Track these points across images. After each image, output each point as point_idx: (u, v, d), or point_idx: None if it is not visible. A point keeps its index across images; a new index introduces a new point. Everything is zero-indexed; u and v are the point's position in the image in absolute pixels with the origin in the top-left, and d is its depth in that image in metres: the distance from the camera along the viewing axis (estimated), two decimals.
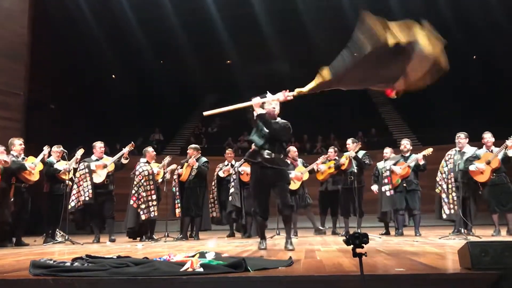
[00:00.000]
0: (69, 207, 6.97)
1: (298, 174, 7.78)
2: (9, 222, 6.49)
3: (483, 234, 6.37)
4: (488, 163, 6.69)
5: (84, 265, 2.80)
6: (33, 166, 6.70)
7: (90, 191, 7.06)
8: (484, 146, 6.94)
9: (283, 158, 4.77)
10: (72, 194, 7.06)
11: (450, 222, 6.80)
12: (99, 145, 7.53)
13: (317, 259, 3.46)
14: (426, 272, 2.57)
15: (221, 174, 8.16)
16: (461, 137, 6.82)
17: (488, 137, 6.91)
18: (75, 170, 7.27)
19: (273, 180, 4.53)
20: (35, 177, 6.75)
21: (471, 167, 6.71)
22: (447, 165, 6.63)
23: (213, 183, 8.28)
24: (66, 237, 6.86)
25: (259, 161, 4.50)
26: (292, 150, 8.05)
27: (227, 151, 8.62)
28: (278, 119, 4.68)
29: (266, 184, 4.56)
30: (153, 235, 7.31)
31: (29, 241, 7.09)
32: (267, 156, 4.49)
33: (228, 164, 8.25)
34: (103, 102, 18.44)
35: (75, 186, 7.11)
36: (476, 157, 6.81)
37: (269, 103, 4.54)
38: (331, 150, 8.34)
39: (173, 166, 7.75)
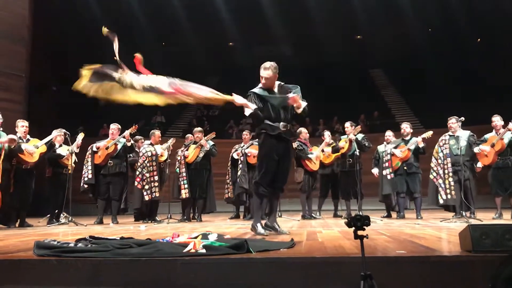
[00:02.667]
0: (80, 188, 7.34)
1: (318, 154, 7.81)
2: (13, 203, 6.55)
3: (485, 217, 6.38)
4: (492, 145, 6.68)
5: (87, 246, 2.82)
6: (31, 148, 6.71)
7: (90, 171, 7.22)
8: (493, 130, 6.91)
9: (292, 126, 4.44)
10: (82, 175, 7.34)
11: (446, 210, 6.79)
12: (111, 127, 7.57)
13: (319, 241, 3.48)
14: (426, 255, 2.58)
15: (235, 156, 8.13)
16: (453, 121, 6.74)
17: (496, 120, 6.87)
18: (77, 154, 7.34)
19: (284, 153, 4.25)
20: (34, 158, 6.75)
21: (475, 149, 6.71)
22: (442, 151, 6.59)
23: (229, 164, 8.36)
24: (70, 219, 6.92)
25: (277, 133, 4.15)
26: (304, 132, 8.05)
27: (244, 133, 8.50)
28: (277, 85, 4.31)
29: (276, 156, 4.21)
30: (156, 216, 7.39)
31: (33, 222, 7.15)
32: (284, 129, 4.16)
33: (244, 146, 8.22)
34: None
35: (84, 168, 7.34)
36: (484, 140, 6.81)
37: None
38: (327, 133, 8.35)
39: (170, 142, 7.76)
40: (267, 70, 4.19)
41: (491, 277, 0.84)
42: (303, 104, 4.18)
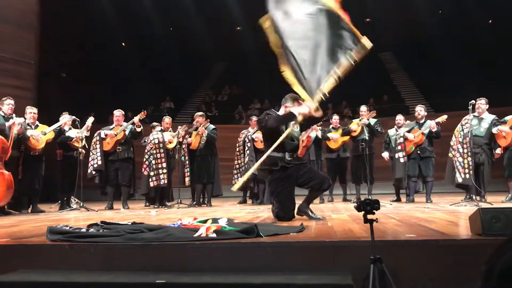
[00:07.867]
0: (88, 174, 7.28)
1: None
2: (23, 190, 6.62)
3: (496, 201, 6.34)
4: (511, 127, 6.58)
5: (99, 231, 2.85)
6: (38, 134, 6.74)
7: (99, 158, 7.23)
8: None
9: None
10: (89, 161, 7.30)
11: (462, 189, 6.75)
12: (116, 114, 7.58)
13: (328, 225, 3.49)
14: (436, 238, 2.58)
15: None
16: (482, 102, 6.66)
17: None
18: (87, 138, 7.36)
19: (297, 172, 4.18)
20: (40, 145, 6.76)
21: (494, 130, 6.61)
22: (463, 129, 6.47)
23: (237, 150, 8.25)
24: (81, 204, 6.99)
25: (282, 166, 4.13)
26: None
27: (253, 118, 8.47)
28: None
29: (290, 182, 4.18)
30: (167, 201, 7.46)
31: (45, 208, 7.24)
32: (290, 158, 4.17)
33: (250, 131, 8.17)
34: (113, 70, 18.40)
35: (91, 154, 7.31)
36: (504, 121, 6.71)
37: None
38: (335, 117, 8.31)
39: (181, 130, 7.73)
40: None
41: (485, 270, 0.78)
42: None
